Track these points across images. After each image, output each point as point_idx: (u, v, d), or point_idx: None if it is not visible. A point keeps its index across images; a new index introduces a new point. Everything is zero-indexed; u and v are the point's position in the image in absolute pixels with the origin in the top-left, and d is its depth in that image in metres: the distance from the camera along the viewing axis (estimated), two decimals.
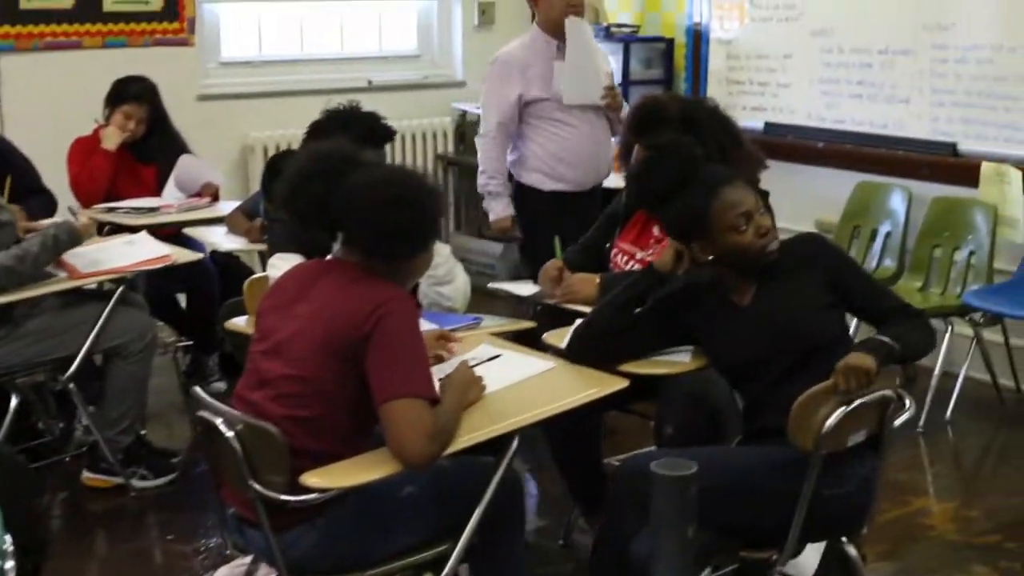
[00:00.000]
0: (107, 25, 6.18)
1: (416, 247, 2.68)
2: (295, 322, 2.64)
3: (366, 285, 2.61)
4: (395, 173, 2.70)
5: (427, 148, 7.22)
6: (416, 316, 2.61)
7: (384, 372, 2.51)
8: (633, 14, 6.84)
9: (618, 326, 3.02)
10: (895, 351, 2.77)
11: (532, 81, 4.86)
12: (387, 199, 2.60)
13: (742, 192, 2.94)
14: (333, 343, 2.56)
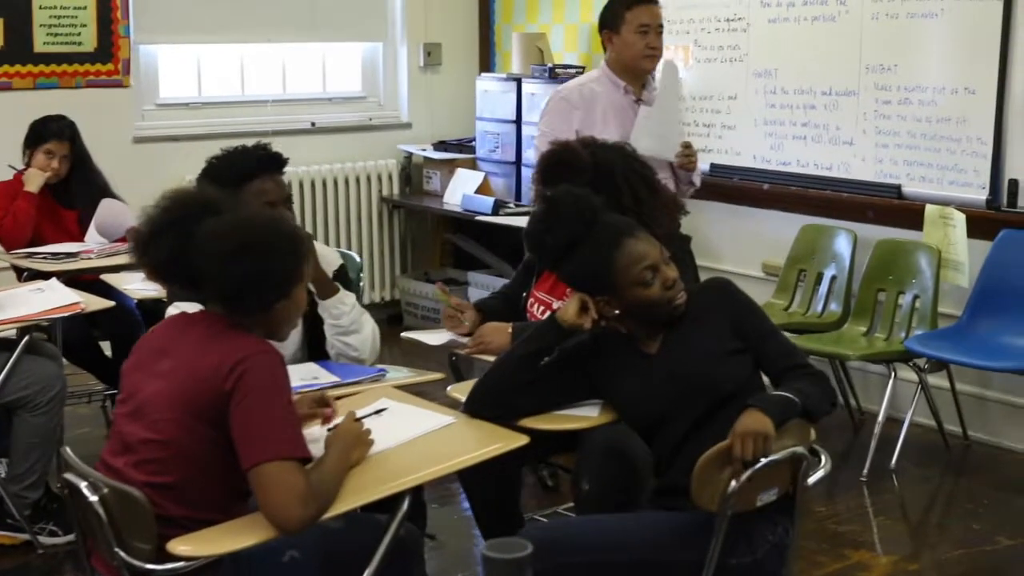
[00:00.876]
0: (38, 66, 6.05)
1: (269, 297, 2.51)
2: (156, 381, 2.48)
3: (228, 340, 2.46)
4: (244, 220, 2.54)
5: (372, 191, 7.10)
6: (281, 370, 2.45)
7: (248, 434, 2.36)
8: (579, 55, 6.75)
9: (517, 381, 2.87)
10: (796, 406, 2.64)
11: (594, 123, 4.49)
12: (231, 249, 2.46)
13: (646, 244, 2.81)
14: (193, 404, 2.41)
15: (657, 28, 4.54)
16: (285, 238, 2.51)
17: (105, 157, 5.92)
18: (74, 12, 6.09)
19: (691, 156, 4.50)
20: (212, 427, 2.39)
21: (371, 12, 7.14)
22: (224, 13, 6.62)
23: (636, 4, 4.51)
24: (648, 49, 4.50)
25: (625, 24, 4.51)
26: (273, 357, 2.44)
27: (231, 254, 2.44)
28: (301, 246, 2.54)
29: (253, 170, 3.37)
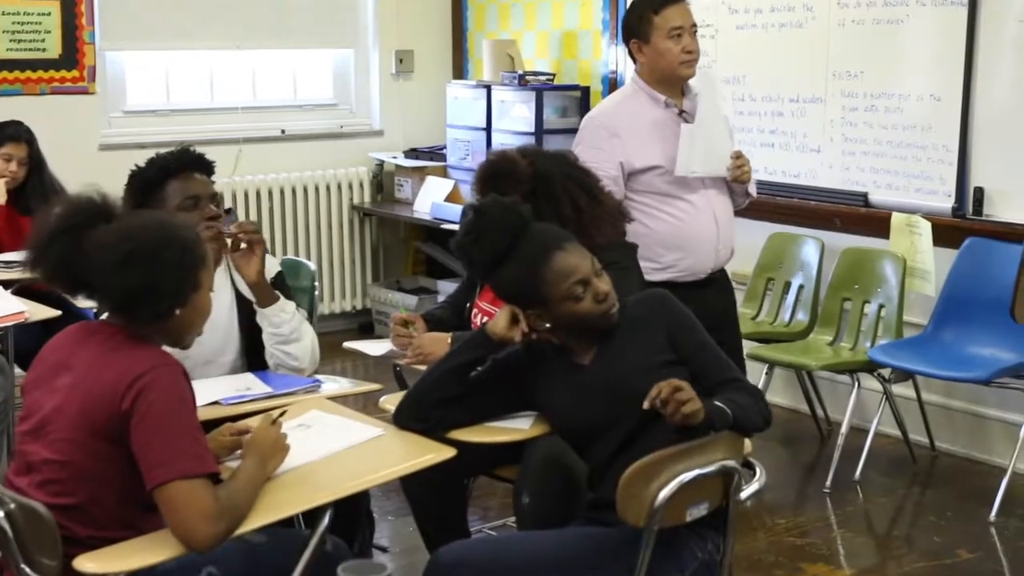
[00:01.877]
0: (1, 72, 5.99)
1: (162, 307, 2.42)
2: (55, 397, 2.41)
3: (126, 353, 2.38)
4: (131, 228, 2.44)
5: (343, 198, 7.04)
6: (182, 383, 2.38)
7: (150, 454, 2.29)
8: (551, 62, 6.70)
9: (445, 394, 2.81)
10: (727, 416, 2.57)
11: (639, 147, 3.97)
12: (117, 260, 2.38)
13: (575, 257, 2.74)
14: (92, 424, 2.34)
15: (691, 29, 3.99)
16: (176, 245, 2.42)
17: (70, 164, 5.86)
18: (38, 18, 6.04)
19: (744, 167, 4.05)
20: (114, 446, 2.32)
21: (342, 19, 7.09)
22: (193, 20, 6.56)
23: (664, 5, 3.96)
24: (684, 54, 3.95)
25: (655, 30, 3.94)
26: (172, 370, 2.36)
27: (117, 264, 2.37)
28: (194, 252, 2.45)
29: (172, 168, 3.30)
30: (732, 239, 4.13)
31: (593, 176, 3.46)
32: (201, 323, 2.54)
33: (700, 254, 4.01)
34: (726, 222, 4.08)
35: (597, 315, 2.72)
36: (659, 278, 3.94)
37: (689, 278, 4.01)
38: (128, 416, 2.29)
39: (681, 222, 3.99)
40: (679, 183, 3.97)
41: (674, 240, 3.98)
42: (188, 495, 2.26)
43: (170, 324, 2.45)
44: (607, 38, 6.35)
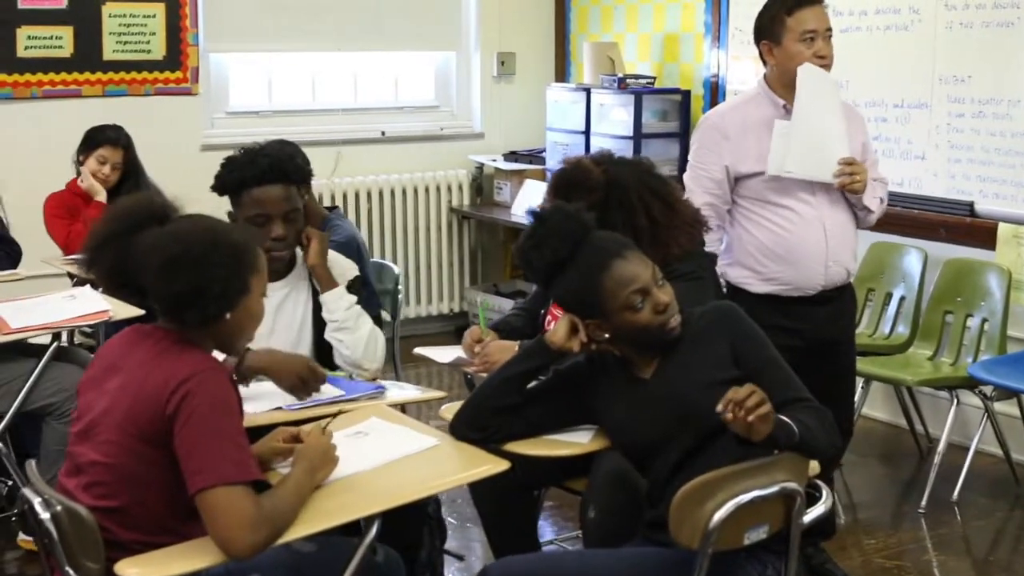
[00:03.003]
0: (107, 74, 6.11)
1: (209, 311, 2.39)
2: (105, 399, 2.41)
3: (174, 357, 2.37)
4: (178, 232, 2.43)
5: (442, 201, 7.03)
6: (226, 388, 2.36)
7: (192, 459, 2.27)
8: (652, 65, 6.60)
9: (502, 403, 2.75)
10: (793, 434, 2.46)
11: (747, 151, 3.80)
12: (163, 264, 2.36)
13: (636, 265, 2.65)
14: (138, 426, 2.33)
15: (825, 33, 3.76)
16: (224, 249, 2.39)
17: (173, 165, 5.96)
18: (143, 20, 6.14)
19: (855, 175, 3.73)
20: (159, 449, 2.31)
21: (444, 21, 7.08)
22: (295, 22, 6.61)
23: (799, 6, 3.75)
24: (816, 59, 3.72)
25: (787, 32, 3.73)
26: (218, 375, 2.34)
27: (163, 268, 2.36)
28: (243, 257, 2.41)
29: (248, 179, 3.30)
30: (849, 256, 3.87)
31: (670, 184, 3.37)
32: (252, 328, 2.52)
33: (805, 268, 3.78)
34: (839, 236, 3.81)
35: (656, 327, 2.63)
36: (762, 290, 3.83)
37: (794, 293, 3.81)
38: (172, 420, 2.28)
39: (786, 232, 3.78)
40: (785, 190, 3.77)
41: (777, 250, 3.79)
42: (229, 502, 2.24)
43: (220, 328, 2.43)
44: (709, 41, 6.23)
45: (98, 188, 5.09)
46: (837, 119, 3.78)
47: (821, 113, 3.75)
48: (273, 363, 3.10)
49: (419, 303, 7.05)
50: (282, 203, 3.32)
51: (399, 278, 4.63)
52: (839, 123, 3.78)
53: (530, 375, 2.79)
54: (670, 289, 2.67)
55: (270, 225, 3.30)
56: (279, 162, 3.34)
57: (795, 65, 3.75)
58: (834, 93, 3.80)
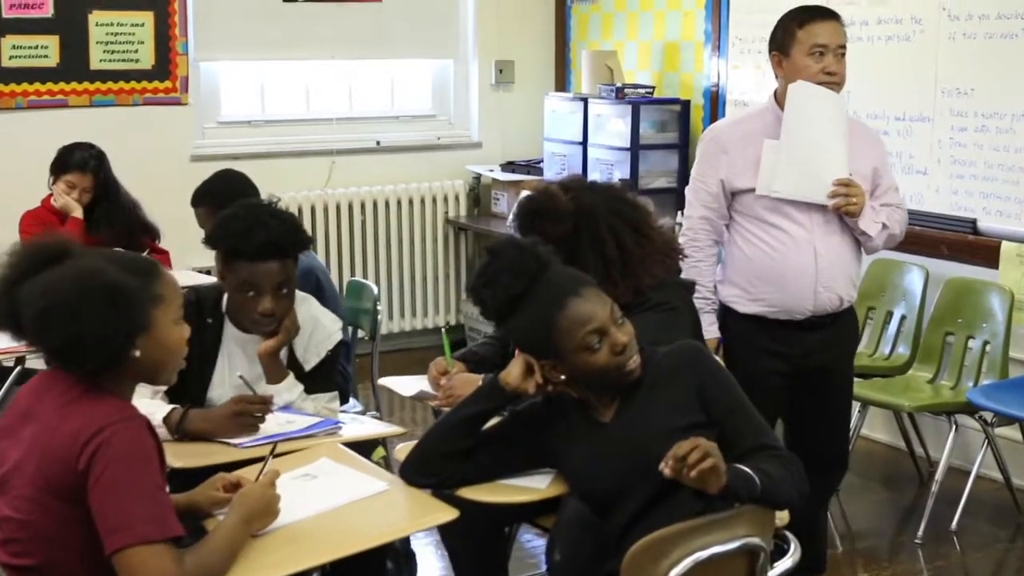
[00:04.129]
0: (94, 84, 6.01)
1: (96, 359, 2.22)
2: (18, 450, 2.26)
3: (84, 406, 2.22)
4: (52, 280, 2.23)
5: (438, 212, 6.90)
6: (142, 439, 2.20)
7: (107, 517, 2.13)
8: (652, 74, 6.45)
9: (453, 447, 2.62)
10: (754, 486, 2.32)
11: (744, 166, 3.66)
12: (33, 316, 2.21)
13: (593, 304, 2.51)
14: (48, 481, 2.19)
15: (837, 49, 3.60)
16: (96, 296, 2.20)
17: (162, 175, 5.88)
18: (131, 29, 6.03)
19: (851, 197, 3.57)
20: (73, 506, 2.16)
21: (442, 29, 6.95)
22: (288, 30, 6.49)
23: (811, 19, 3.60)
24: (824, 75, 3.56)
25: (797, 44, 3.59)
26: (130, 426, 2.19)
27: (34, 322, 2.22)
28: (124, 297, 2.22)
29: (242, 251, 3.15)
30: (843, 283, 3.69)
31: (643, 210, 3.22)
32: (174, 357, 2.34)
33: (794, 292, 3.64)
34: (832, 261, 3.64)
35: (613, 368, 2.49)
36: (749, 310, 3.71)
37: (781, 316, 3.67)
38: (85, 476, 2.14)
39: (775, 252, 3.64)
40: (777, 209, 3.63)
41: (765, 271, 3.66)
42: (147, 561, 2.11)
43: (131, 368, 2.27)
44: (709, 50, 6.08)
45: (73, 205, 4.98)
46: (836, 139, 3.61)
47: (815, 132, 3.60)
48: (210, 423, 3.03)
49: (414, 316, 6.92)
50: (274, 277, 3.19)
51: (378, 297, 4.51)
52: (837, 143, 3.62)
53: (483, 417, 2.65)
54: (630, 328, 2.53)
55: (259, 298, 3.18)
56: (277, 238, 3.18)
57: (802, 78, 3.60)
58: (835, 112, 3.63)
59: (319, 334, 3.40)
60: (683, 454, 2.23)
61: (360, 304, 4.56)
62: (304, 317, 3.37)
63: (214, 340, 3.31)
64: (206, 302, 3.34)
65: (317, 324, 3.41)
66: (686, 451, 2.24)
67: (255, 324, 3.25)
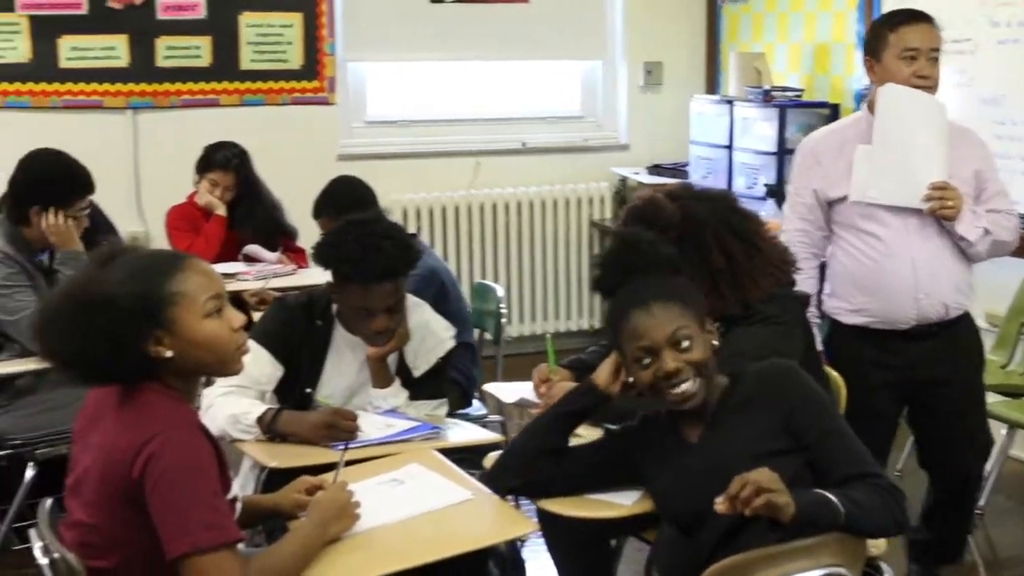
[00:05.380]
0: (244, 83, 6.14)
1: (109, 373, 2.24)
2: (88, 455, 2.30)
3: (137, 413, 2.23)
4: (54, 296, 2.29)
5: (582, 214, 6.85)
6: (193, 447, 2.20)
7: (165, 525, 2.15)
8: (802, 76, 6.27)
9: (541, 447, 2.58)
10: (836, 512, 2.22)
11: (838, 175, 3.59)
12: (33, 335, 2.27)
13: (653, 321, 2.44)
14: (111, 487, 2.21)
15: (929, 53, 3.51)
16: (91, 307, 2.19)
17: (308, 174, 5.94)
18: (280, 30, 6.15)
19: (947, 200, 3.44)
20: (137, 512, 2.19)
21: (590, 30, 6.89)
22: (436, 30, 6.52)
23: (904, 22, 3.54)
24: (916, 78, 3.47)
25: (888, 48, 3.52)
26: (181, 434, 2.19)
27: (35, 342, 2.26)
28: (125, 305, 2.19)
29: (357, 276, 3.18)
30: (947, 289, 3.55)
31: (754, 221, 3.11)
32: (216, 351, 2.30)
33: (893, 301, 3.54)
34: (932, 267, 3.53)
35: (657, 391, 2.44)
36: (852, 321, 3.63)
37: (884, 326, 3.58)
38: (141, 485, 2.16)
39: (872, 261, 3.56)
40: (871, 217, 3.55)
41: (863, 281, 3.58)
42: (207, 567, 2.12)
43: (172, 369, 2.26)
44: (860, 52, 5.86)
45: (216, 203, 5.10)
46: (930, 141, 3.50)
47: (908, 135, 3.50)
48: (299, 427, 3.05)
49: (557, 318, 6.89)
50: (388, 299, 3.21)
51: (501, 300, 4.48)
52: (932, 145, 3.50)
53: (574, 418, 2.63)
54: (695, 356, 2.44)
55: (372, 318, 3.21)
56: (392, 263, 3.19)
57: (895, 82, 3.51)
58: (932, 115, 3.51)
59: (430, 341, 3.40)
60: (735, 492, 2.19)
61: (485, 306, 4.55)
62: (416, 323, 3.37)
63: (323, 342, 3.34)
64: (317, 304, 3.37)
65: (428, 331, 3.40)
66: (737, 489, 2.19)
67: (368, 339, 3.27)
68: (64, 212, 4.01)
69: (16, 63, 5.77)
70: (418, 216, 6.47)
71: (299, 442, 3.02)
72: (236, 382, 3.16)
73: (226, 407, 3.10)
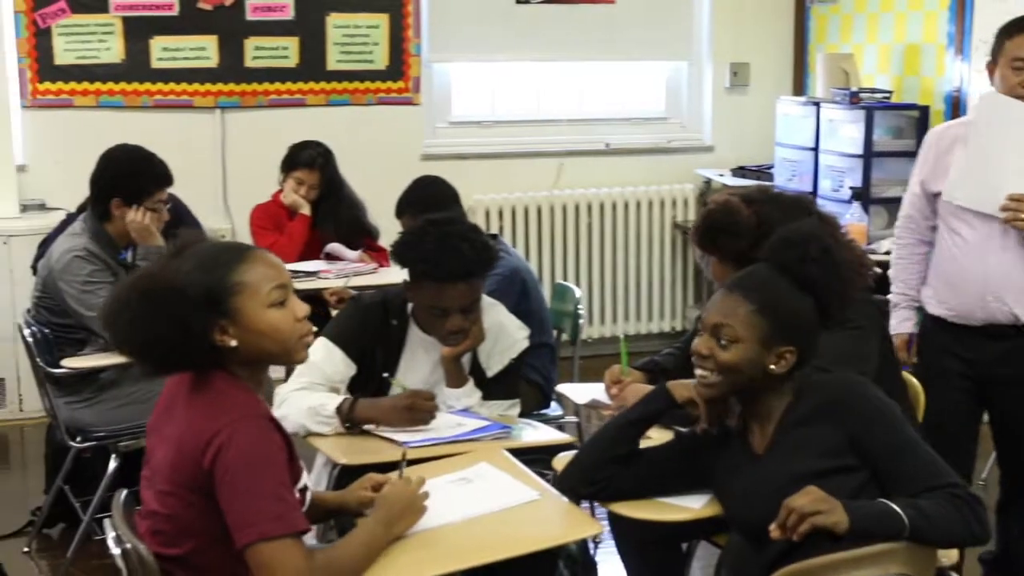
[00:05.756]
0: (330, 83, 6.21)
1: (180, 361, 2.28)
2: (162, 447, 2.34)
3: (205, 403, 2.27)
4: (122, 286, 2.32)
5: (665, 216, 6.82)
6: (261, 438, 2.24)
7: (233, 514, 2.19)
8: (891, 78, 6.18)
9: (611, 452, 2.58)
10: (897, 522, 2.19)
11: (941, 170, 3.66)
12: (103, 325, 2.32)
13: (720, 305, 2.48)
14: (183, 477, 2.25)
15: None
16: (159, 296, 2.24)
17: (392, 174, 5.98)
18: (367, 31, 6.20)
19: (1019, 212, 3.46)
20: (207, 499, 2.23)
21: (676, 30, 6.86)
22: (521, 32, 6.54)
23: (1018, 31, 3.55)
24: (1021, 88, 3.50)
25: (1003, 55, 3.56)
26: (249, 424, 2.23)
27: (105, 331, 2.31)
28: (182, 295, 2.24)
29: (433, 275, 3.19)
30: (1015, 297, 3.55)
31: (833, 224, 3.07)
32: (279, 340, 2.33)
33: (964, 297, 3.62)
34: (1005, 273, 3.54)
35: None
36: (936, 311, 3.74)
37: (960, 320, 3.65)
38: (211, 475, 2.20)
39: (953, 256, 3.64)
40: (960, 216, 3.62)
41: (945, 274, 3.68)
42: (274, 556, 2.15)
43: (237, 358, 2.31)
44: (951, 53, 5.78)
45: (301, 203, 5.16)
46: (1019, 152, 3.50)
47: (1000, 144, 3.54)
48: (378, 411, 3.09)
49: (638, 319, 6.86)
50: (463, 299, 3.22)
51: (579, 300, 4.48)
52: (1020, 156, 3.50)
53: (644, 422, 2.63)
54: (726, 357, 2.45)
55: (447, 318, 3.23)
56: (468, 264, 3.19)
57: (1004, 89, 3.55)
58: (1008, 120, 3.52)
59: (504, 341, 3.41)
60: (782, 522, 2.23)
61: (563, 306, 4.55)
62: (490, 323, 3.38)
63: (398, 341, 3.36)
64: (392, 303, 3.39)
65: (502, 331, 3.41)
66: (784, 518, 2.22)
67: (443, 338, 3.29)
68: (143, 204, 4.08)
69: (110, 63, 5.89)
70: (500, 216, 6.49)
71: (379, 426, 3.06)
72: (309, 379, 3.20)
73: (303, 400, 3.14)
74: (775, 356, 2.44)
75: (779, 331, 2.43)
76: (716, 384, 2.47)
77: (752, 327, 2.42)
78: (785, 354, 2.45)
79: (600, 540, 3.86)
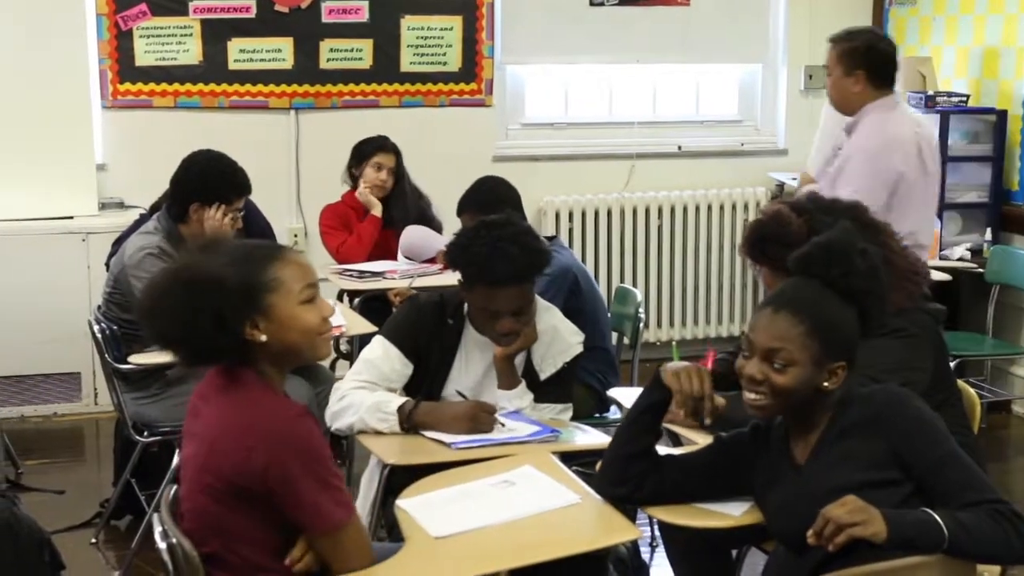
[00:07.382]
0: (404, 85, 6.26)
1: (212, 352, 2.34)
2: (192, 445, 2.41)
3: (242, 402, 2.32)
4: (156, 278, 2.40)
5: (737, 219, 6.77)
6: (312, 433, 2.31)
7: (304, 515, 2.29)
8: (969, 81, 6.08)
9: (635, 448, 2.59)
10: (937, 533, 2.17)
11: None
12: (139, 315, 2.38)
13: (771, 328, 2.43)
14: (216, 475, 2.30)
15: None
16: (198, 286, 2.29)
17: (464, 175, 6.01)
18: (440, 33, 6.25)
19: None
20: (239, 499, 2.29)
21: (750, 33, 6.81)
22: (594, 34, 6.53)
23: None
24: None
25: None
26: (302, 422, 2.30)
27: (141, 320, 2.37)
28: (221, 285, 2.29)
29: (487, 279, 3.21)
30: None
31: (886, 233, 3.05)
32: (309, 339, 2.40)
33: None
34: None
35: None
36: None
37: None
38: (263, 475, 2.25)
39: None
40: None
41: None
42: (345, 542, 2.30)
43: (264, 354, 2.36)
44: None
45: (374, 203, 5.22)
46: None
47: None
48: (438, 417, 3.12)
49: (708, 323, 6.83)
50: (513, 302, 3.24)
51: (640, 303, 4.47)
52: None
53: (653, 411, 2.62)
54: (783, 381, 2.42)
55: (498, 320, 3.25)
56: (518, 268, 3.20)
57: None
58: None
59: (557, 345, 3.42)
60: (818, 530, 2.22)
61: (624, 308, 4.55)
62: (544, 326, 3.40)
63: (453, 341, 3.39)
64: (449, 304, 3.42)
65: (556, 334, 3.43)
66: (820, 527, 2.22)
67: (495, 339, 3.31)
68: None
69: (188, 65, 6.00)
70: (570, 218, 6.50)
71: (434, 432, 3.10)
72: (367, 376, 3.25)
73: (367, 397, 3.18)
74: (827, 373, 2.43)
75: (831, 349, 2.42)
76: (769, 407, 2.45)
77: (806, 349, 2.40)
78: (837, 370, 2.44)
79: (657, 544, 3.86)
